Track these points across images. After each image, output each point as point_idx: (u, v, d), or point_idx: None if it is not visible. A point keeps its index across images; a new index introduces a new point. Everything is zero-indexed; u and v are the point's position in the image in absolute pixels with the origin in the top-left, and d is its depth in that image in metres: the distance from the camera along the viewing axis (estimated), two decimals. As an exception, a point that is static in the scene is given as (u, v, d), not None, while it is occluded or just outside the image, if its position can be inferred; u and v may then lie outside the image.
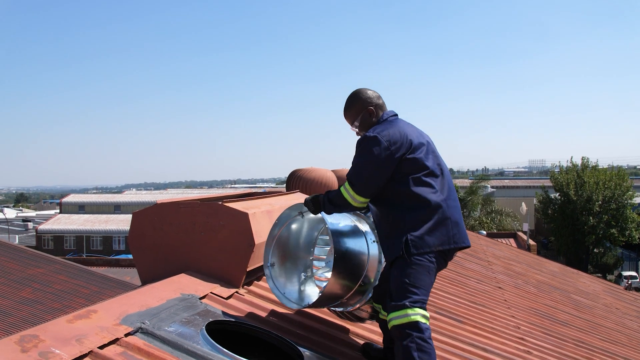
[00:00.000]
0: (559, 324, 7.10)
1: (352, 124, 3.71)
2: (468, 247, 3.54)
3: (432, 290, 3.50)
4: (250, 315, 3.93)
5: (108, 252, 51.32)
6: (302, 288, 4.06)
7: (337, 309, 3.90)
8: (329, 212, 3.63)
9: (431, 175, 3.42)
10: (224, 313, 3.80)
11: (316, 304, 3.67)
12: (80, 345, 2.82)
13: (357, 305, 3.81)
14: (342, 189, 3.49)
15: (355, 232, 3.80)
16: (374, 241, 3.80)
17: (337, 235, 3.65)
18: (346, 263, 3.61)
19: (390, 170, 3.37)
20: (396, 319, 3.17)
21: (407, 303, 3.17)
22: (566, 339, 6.43)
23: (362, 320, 4.04)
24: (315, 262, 4.19)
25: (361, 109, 3.65)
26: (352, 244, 3.72)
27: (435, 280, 3.52)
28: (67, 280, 11.48)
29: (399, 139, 3.39)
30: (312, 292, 4.03)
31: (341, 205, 3.53)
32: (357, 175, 3.41)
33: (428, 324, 3.20)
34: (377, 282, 3.74)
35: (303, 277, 4.12)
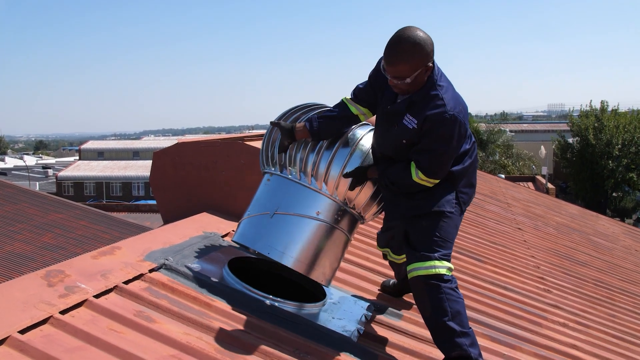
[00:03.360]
0: (578, 264, 7.10)
1: (402, 79, 2.81)
2: None
3: None
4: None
5: (128, 198, 51.75)
6: None
7: None
8: (384, 189, 3.19)
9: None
10: (246, 250, 3.82)
11: None
12: (105, 280, 2.85)
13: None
14: (415, 177, 2.96)
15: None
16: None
17: None
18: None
19: None
20: (421, 269, 2.96)
21: (436, 255, 2.97)
22: (586, 278, 6.44)
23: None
24: None
25: (420, 65, 2.78)
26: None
27: None
28: (88, 225, 11.60)
29: (464, 109, 2.92)
30: None
31: (412, 188, 3.04)
32: (441, 165, 2.95)
33: (452, 275, 3.03)
34: None
35: None
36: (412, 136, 2.93)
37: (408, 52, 2.75)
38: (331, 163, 3.16)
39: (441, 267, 2.95)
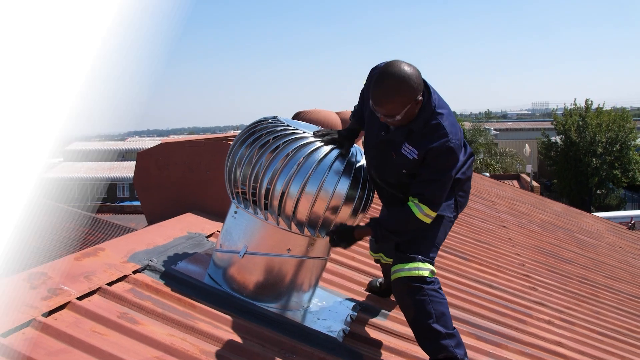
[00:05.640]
0: (563, 261, 7.13)
1: (392, 117, 2.72)
2: None
3: None
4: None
5: (112, 200, 51.49)
6: None
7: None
8: (385, 241, 3.07)
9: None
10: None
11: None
12: (88, 282, 2.83)
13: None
14: (419, 213, 2.82)
15: None
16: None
17: None
18: None
19: None
20: (404, 270, 2.92)
21: (420, 257, 2.93)
22: (571, 276, 6.47)
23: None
24: None
25: (409, 101, 2.67)
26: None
27: None
28: (73, 227, 11.52)
29: (461, 130, 2.88)
30: None
31: (414, 230, 2.94)
32: (439, 196, 2.85)
33: (434, 276, 2.98)
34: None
35: None
36: (412, 166, 2.85)
37: (393, 89, 2.64)
38: (298, 201, 2.92)
39: (424, 269, 2.90)
